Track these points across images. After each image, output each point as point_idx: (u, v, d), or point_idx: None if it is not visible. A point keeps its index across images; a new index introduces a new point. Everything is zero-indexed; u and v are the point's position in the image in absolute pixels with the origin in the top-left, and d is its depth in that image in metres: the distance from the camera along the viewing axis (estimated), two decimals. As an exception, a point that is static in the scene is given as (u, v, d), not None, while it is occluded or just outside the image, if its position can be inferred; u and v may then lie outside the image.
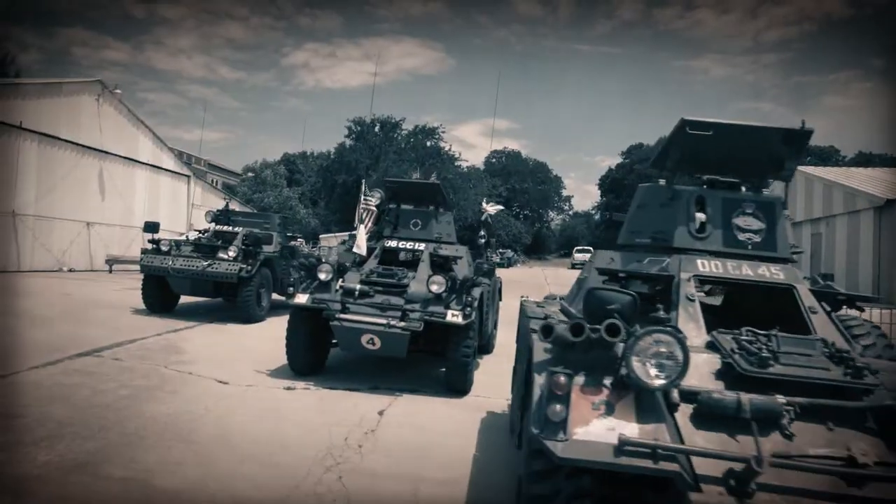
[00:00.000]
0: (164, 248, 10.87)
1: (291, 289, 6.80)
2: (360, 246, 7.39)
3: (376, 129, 45.54)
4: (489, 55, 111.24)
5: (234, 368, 7.18)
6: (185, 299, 11.71)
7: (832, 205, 22.83)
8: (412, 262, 7.92)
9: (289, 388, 6.48)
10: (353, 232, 23.41)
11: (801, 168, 33.05)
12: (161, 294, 11.01)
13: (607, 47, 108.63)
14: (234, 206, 21.75)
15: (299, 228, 30.22)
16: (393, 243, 7.90)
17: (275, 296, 11.77)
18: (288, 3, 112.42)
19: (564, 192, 73.55)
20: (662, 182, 3.98)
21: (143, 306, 11.13)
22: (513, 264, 41.93)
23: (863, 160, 47.72)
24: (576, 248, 50.86)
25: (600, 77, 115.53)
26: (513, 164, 66.03)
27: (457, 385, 6.67)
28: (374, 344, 6.47)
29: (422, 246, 7.76)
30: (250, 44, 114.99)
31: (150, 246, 11.04)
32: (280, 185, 43.53)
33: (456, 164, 46.34)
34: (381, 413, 5.81)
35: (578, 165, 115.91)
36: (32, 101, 19.11)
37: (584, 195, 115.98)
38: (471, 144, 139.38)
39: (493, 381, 7.22)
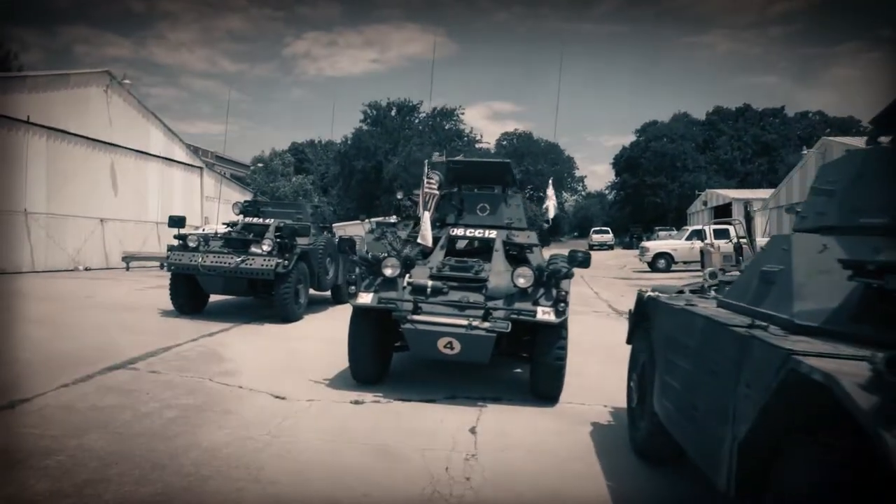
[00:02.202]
0: (191, 245, 9.95)
1: (353, 287, 5.93)
2: (426, 236, 6.47)
3: (393, 112, 44.28)
4: (491, 38, 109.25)
5: (288, 378, 6.33)
6: (213, 297, 10.87)
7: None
8: (476, 252, 7.03)
9: (357, 402, 5.62)
10: (380, 220, 22.10)
11: (831, 139, 31.73)
12: (190, 294, 10.14)
13: (611, 25, 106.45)
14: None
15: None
16: (460, 231, 6.94)
17: (311, 291, 10.94)
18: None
19: (577, 173, 72.14)
20: (885, 141, 3.05)
21: (170, 307, 10.28)
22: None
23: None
24: (593, 230, 49.83)
25: (604, 56, 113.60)
26: (525, 145, 64.47)
27: (548, 392, 5.79)
28: (452, 348, 5.59)
29: (493, 233, 6.81)
30: (251, 35, 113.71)
31: (175, 242, 10.15)
32: (288, 173, 42.60)
33: (477, 146, 45.18)
34: (472, 431, 4.94)
35: (583, 145, 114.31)
36: (39, 94, 18.26)
37: (590, 175, 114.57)
38: (475, 128, 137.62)
39: (577, 382, 6.32)
